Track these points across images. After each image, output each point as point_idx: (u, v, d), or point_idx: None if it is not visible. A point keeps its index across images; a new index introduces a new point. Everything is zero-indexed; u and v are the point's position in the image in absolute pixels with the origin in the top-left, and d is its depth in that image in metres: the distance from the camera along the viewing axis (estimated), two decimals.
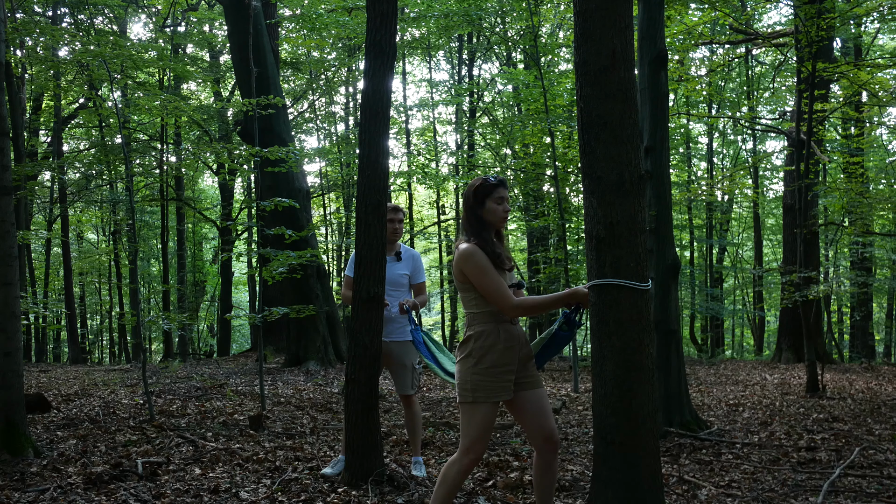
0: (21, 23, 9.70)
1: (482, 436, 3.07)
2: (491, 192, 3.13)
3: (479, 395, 3.06)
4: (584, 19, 3.08)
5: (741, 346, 25.38)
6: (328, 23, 13.72)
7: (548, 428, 3.15)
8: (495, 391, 3.06)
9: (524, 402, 3.14)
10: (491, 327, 3.09)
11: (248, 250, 16.71)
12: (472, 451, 3.08)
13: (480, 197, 3.14)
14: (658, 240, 6.10)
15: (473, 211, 3.16)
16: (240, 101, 10.54)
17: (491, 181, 3.15)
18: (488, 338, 3.08)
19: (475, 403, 3.06)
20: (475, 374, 3.06)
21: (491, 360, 3.06)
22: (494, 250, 3.10)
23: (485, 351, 3.07)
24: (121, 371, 12.55)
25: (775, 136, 20.21)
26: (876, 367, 13.26)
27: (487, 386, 3.06)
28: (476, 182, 3.17)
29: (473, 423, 3.08)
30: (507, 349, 3.08)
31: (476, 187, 3.16)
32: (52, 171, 15.28)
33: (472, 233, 3.15)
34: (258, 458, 5.01)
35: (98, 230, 25.87)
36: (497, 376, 3.06)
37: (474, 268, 3.05)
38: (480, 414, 3.06)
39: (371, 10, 4.42)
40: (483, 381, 3.06)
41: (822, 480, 4.49)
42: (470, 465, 3.09)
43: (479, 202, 3.14)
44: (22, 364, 5.07)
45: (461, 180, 17.63)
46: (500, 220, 3.17)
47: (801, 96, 9.94)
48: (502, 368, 3.07)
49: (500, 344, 3.07)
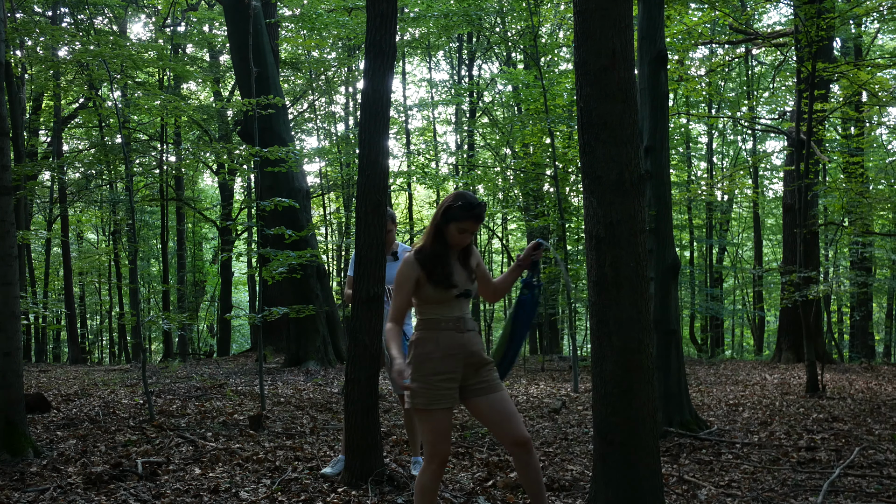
0: (21, 23, 9.71)
1: (437, 440, 3.04)
2: (458, 220, 3.03)
3: (418, 401, 3.03)
4: (583, 19, 3.08)
5: (741, 346, 25.38)
6: (328, 23, 13.73)
7: (511, 431, 3.06)
8: (434, 399, 3.02)
9: (482, 407, 3.10)
10: (428, 334, 3.06)
11: (248, 250, 16.73)
12: (435, 455, 3.06)
13: (448, 217, 3.05)
14: (658, 240, 6.09)
15: (436, 223, 3.08)
16: (240, 101, 10.54)
17: (466, 209, 3.02)
18: (426, 345, 3.05)
19: (422, 410, 3.04)
20: (414, 381, 3.03)
21: (428, 368, 3.03)
22: (437, 267, 3.04)
23: (422, 359, 3.04)
24: (121, 371, 12.54)
25: (775, 136, 20.22)
26: (876, 367, 13.26)
27: (425, 393, 3.02)
28: (454, 201, 3.05)
29: (426, 429, 3.07)
30: (447, 357, 3.03)
31: (448, 207, 3.05)
32: (52, 170, 15.29)
33: (426, 242, 3.10)
34: (258, 457, 5.01)
35: (98, 230, 25.86)
36: (434, 385, 3.02)
37: (397, 276, 3.08)
38: (430, 420, 3.04)
39: (371, 10, 4.42)
40: (421, 388, 3.03)
41: (821, 480, 4.49)
42: (438, 470, 3.07)
43: (445, 221, 3.06)
44: (22, 364, 5.06)
45: (461, 180, 17.63)
46: (455, 245, 3.09)
47: (800, 96, 9.94)
48: (441, 377, 3.02)
49: (437, 352, 3.03)
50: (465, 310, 3.14)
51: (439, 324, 3.06)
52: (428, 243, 3.09)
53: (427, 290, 3.06)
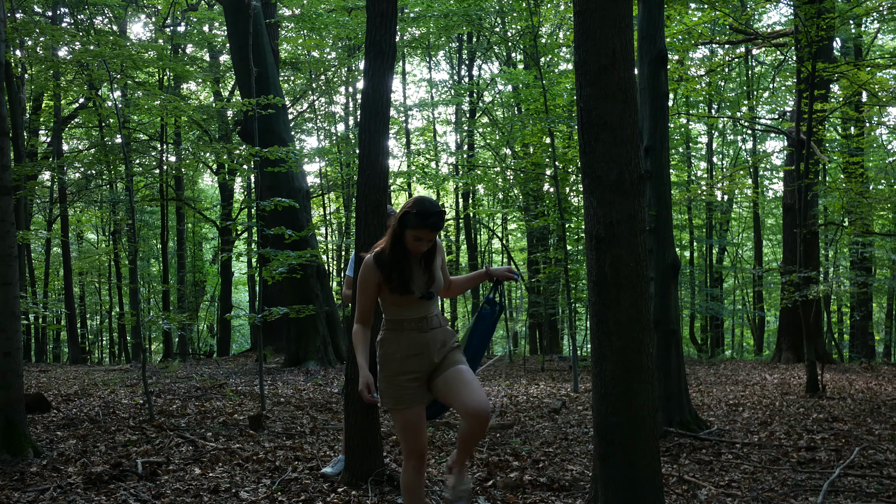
0: (21, 23, 9.71)
1: (409, 437, 3.03)
2: (413, 227, 2.91)
3: (386, 401, 3.03)
4: (583, 19, 3.08)
5: (741, 346, 25.37)
6: (328, 23, 13.74)
7: (465, 399, 2.92)
8: (401, 399, 3.01)
9: (440, 387, 3.03)
10: (392, 335, 3.04)
11: (248, 250, 16.71)
12: (411, 452, 3.05)
13: (403, 224, 2.94)
14: (658, 240, 6.10)
15: (393, 228, 2.99)
16: (240, 101, 10.54)
17: (421, 217, 2.89)
18: (389, 345, 3.04)
19: (391, 409, 3.05)
20: (380, 381, 3.04)
21: (392, 369, 3.02)
22: (394, 273, 2.97)
23: (386, 359, 3.04)
24: (121, 371, 12.54)
25: (775, 136, 20.22)
26: (876, 367, 13.26)
27: (391, 394, 3.02)
28: (411, 208, 2.92)
29: (397, 428, 3.07)
30: (410, 357, 3.01)
31: (405, 213, 2.93)
32: (51, 170, 15.29)
33: (385, 245, 3.00)
34: (258, 457, 5.01)
35: (98, 230, 25.86)
36: (400, 384, 3.00)
37: (359, 278, 3.03)
38: (400, 418, 3.03)
39: (371, 10, 4.42)
40: (386, 388, 3.03)
41: (821, 480, 4.49)
42: (418, 465, 3.06)
43: (401, 227, 2.96)
44: (22, 364, 5.06)
45: (461, 180, 17.64)
46: (413, 251, 3.00)
47: (800, 96, 9.94)
48: (404, 377, 3.01)
49: (399, 352, 3.01)
50: (431, 309, 3.07)
51: (402, 324, 3.03)
52: (387, 248, 3.00)
53: (386, 293, 3.01)
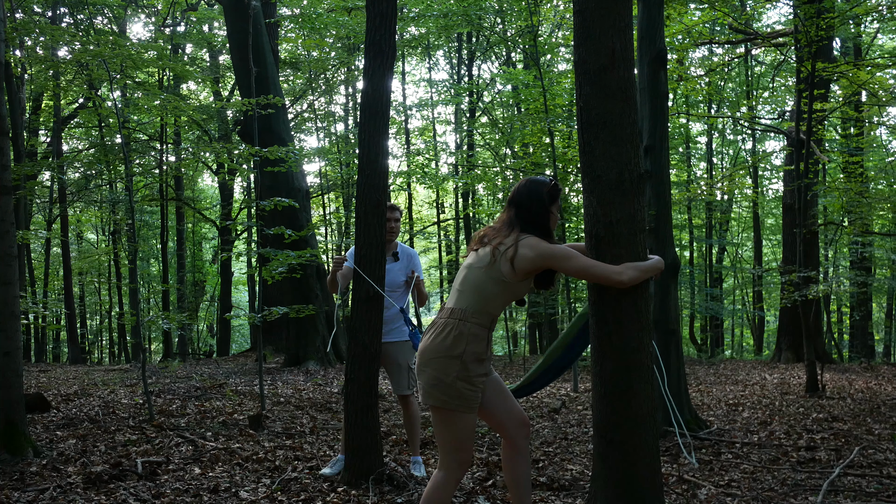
0: (21, 23, 9.70)
1: (469, 445, 2.93)
2: (554, 201, 3.03)
3: (459, 402, 2.88)
4: (583, 18, 3.08)
5: (741, 345, 25.37)
6: (328, 22, 13.74)
7: (518, 408, 3.03)
8: (474, 401, 2.91)
9: (488, 389, 2.99)
10: (484, 333, 2.93)
11: (248, 250, 16.73)
12: (462, 464, 2.93)
13: (552, 198, 3.03)
14: (658, 239, 6.09)
15: (547, 209, 3.04)
16: (239, 101, 10.53)
17: (557, 188, 3.03)
18: (480, 344, 2.89)
19: (460, 413, 2.89)
20: (457, 381, 2.88)
21: (478, 370, 2.91)
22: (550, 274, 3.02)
23: (474, 358, 2.90)
24: (120, 371, 12.54)
25: (775, 136, 20.22)
26: (875, 367, 13.26)
27: (468, 394, 2.89)
28: (549, 182, 3.06)
29: (454, 433, 2.89)
30: (489, 359, 2.99)
31: (552, 188, 3.04)
32: (51, 170, 15.28)
33: (550, 228, 3.03)
34: (258, 457, 5.01)
35: (98, 230, 25.85)
36: (479, 386, 2.92)
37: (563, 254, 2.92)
38: (463, 422, 2.90)
39: (370, 9, 4.42)
40: (464, 389, 2.88)
41: (821, 480, 4.49)
42: (461, 477, 2.96)
43: (551, 201, 3.03)
44: (21, 364, 5.06)
45: (461, 180, 17.63)
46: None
47: (800, 96, 9.94)
48: (482, 379, 2.94)
49: (486, 353, 2.93)
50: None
51: (494, 323, 2.98)
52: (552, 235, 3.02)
53: (526, 285, 2.95)
